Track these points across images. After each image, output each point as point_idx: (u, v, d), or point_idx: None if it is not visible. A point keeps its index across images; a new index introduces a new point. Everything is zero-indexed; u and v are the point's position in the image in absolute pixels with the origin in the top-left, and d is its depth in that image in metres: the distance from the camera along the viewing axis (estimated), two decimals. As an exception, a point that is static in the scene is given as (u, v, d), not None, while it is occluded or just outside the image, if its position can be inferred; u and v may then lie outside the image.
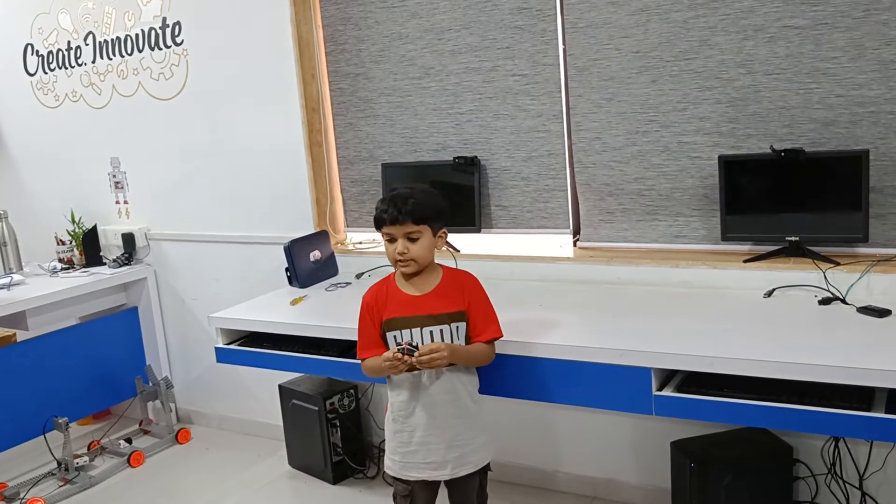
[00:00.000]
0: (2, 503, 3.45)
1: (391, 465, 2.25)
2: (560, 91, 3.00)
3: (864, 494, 2.57)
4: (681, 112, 2.79)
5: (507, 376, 2.35)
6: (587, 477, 3.10)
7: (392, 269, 2.24)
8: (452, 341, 2.16)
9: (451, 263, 3.07)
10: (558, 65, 2.97)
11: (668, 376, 2.20)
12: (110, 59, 3.90)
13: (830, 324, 2.28)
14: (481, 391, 2.30)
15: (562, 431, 3.13)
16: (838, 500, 2.61)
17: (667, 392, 2.15)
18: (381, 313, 2.18)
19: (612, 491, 3.05)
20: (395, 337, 2.16)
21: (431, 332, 2.16)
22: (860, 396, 1.93)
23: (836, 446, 2.57)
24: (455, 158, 3.19)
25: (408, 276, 2.19)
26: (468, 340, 2.19)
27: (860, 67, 2.50)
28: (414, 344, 2.08)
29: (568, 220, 3.10)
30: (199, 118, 3.72)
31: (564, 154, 3.04)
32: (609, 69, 2.88)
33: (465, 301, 2.19)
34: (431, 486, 2.25)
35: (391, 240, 2.15)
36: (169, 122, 3.81)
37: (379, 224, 2.16)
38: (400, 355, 2.04)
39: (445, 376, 2.17)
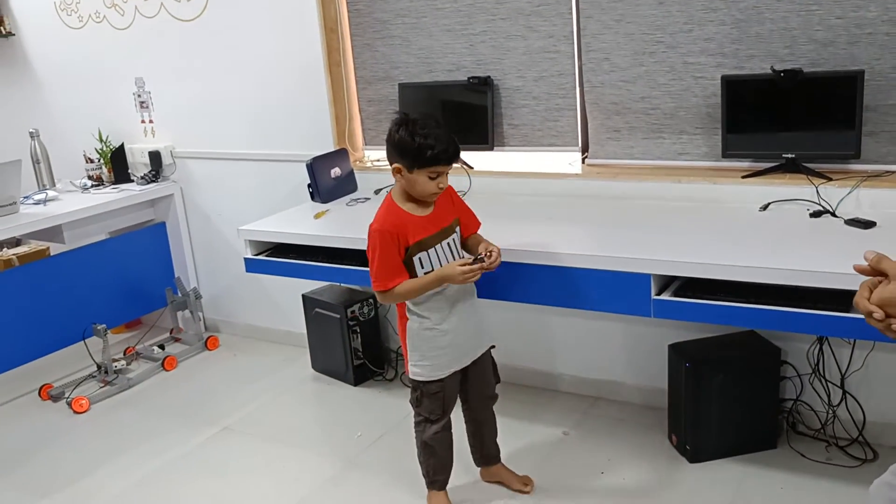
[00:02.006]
0: (48, 401, 3.73)
1: (420, 371, 2.44)
2: (571, 12, 3.09)
3: (844, 392, 2.78)
4: (686, 33, 2.89)
5: (518, 283, 2.55)
6: (591, 379, 3.33)
7: (383, 196, 2.42)
8: (457, 245, 2.42)
9: (465, 180, 3.25)
10: (569, -14, 3.06)
11: (666, 282, 2.39)
12: (132, -20, 3.99)
13: (819, 234, 2.45)
14: (496, 297, 2.56)
15: (568, 337, 3.34)
16: (821, 398, 2.83)
17: (665, 296, 2.34)
18: (407, 239, 2.30)
19: (613, 391, 3.28)
20: (419, 259, 2.32)
21: (447, 244, 2.37)
22: (842, 299, 2.11)
23: (821, 348, 2.77)
24: (469, 78, 3.31)
25: (414, 200, 2.34)
26: (461, 238, 2.46)
27: (860, -11, 2.60)
28: (481, 255, 2.29)
29: (577, 138, 3.24)
30: (220, 39, 3.82)
31: (574, 74, 3.15)
32: (619, -9, 2.97)
33: (455, 209, 2.43)
34: (456, 376, 2.49)
35: (435, 176, 2.25)
36: (191, 42, 3.91)
37: (434, 162, 2.21)
38: (482, 265, 2.25)
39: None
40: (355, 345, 3.59)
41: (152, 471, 3.07)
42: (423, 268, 2.33)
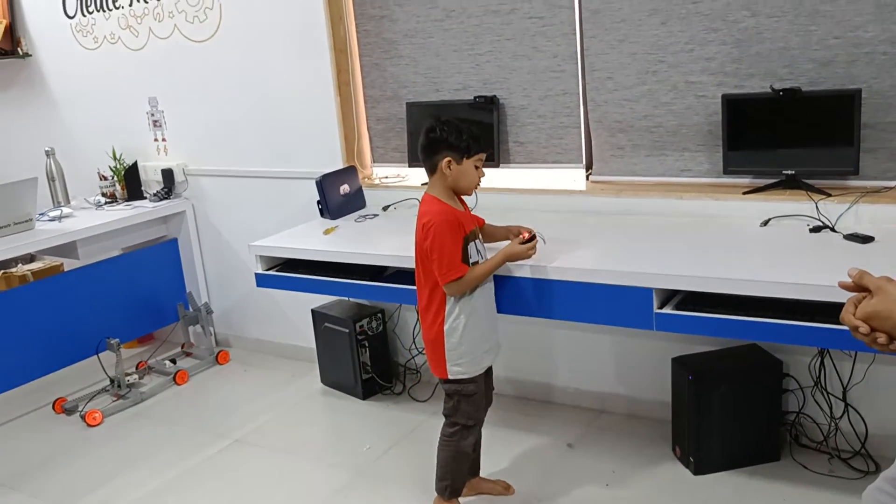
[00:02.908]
0: (62, 415, 3.79)
1: (463, 368, 2.49)
2: (575, 33, 3.16)
3: (846, 405, 2.82)
4: (688, 53, 2.96)
5: (524, 297, 2.60)
6: (594, 392, 3.36)
7: (418, 198, 2.53)
8: (482, 242, 2.55)
9: (471, 197, 3.30)
10: (573, 7, 3.12)
11: (668, 296, 2.44)
12: (146, 3, 4.07)
13: (818, 249, 2.49)
14: (500, 311, 2.61)
15: (571, 350, 3.38)
16: (823, 410, 2.86)
17: (667, 310, 2.39)
18: (465, 228, 2.44)
19: (617, 404, 3.32)
20: (469, 249, 2.44)
21: (479, 239, 2.52)
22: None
23: (822, 361, 2.81)
24: (475, 97, 3.38)
25: (452, 198, 2.48)
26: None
27: (857, 10, 2.65)
28: (531, 233, 2.54)
29: (581, 155, 3.30)
30: (232, 59, 3.90)
31: (578, 93, 3.22)
32: (621, 11, 3.03)
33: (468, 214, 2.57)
34: (483, 378, 2.57)
35: (479, 165, 2.45)
36: (204, 63, 3.99)
37: (483, 149, 2.45)
38: (535, 239, 2.52)
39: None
40: (364, 359, 3.64)
41: (165, 482, 3.13)
42: (471, 258, 2.44)
